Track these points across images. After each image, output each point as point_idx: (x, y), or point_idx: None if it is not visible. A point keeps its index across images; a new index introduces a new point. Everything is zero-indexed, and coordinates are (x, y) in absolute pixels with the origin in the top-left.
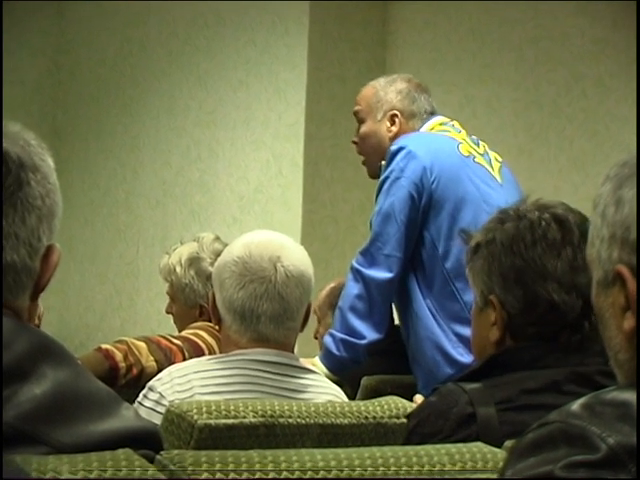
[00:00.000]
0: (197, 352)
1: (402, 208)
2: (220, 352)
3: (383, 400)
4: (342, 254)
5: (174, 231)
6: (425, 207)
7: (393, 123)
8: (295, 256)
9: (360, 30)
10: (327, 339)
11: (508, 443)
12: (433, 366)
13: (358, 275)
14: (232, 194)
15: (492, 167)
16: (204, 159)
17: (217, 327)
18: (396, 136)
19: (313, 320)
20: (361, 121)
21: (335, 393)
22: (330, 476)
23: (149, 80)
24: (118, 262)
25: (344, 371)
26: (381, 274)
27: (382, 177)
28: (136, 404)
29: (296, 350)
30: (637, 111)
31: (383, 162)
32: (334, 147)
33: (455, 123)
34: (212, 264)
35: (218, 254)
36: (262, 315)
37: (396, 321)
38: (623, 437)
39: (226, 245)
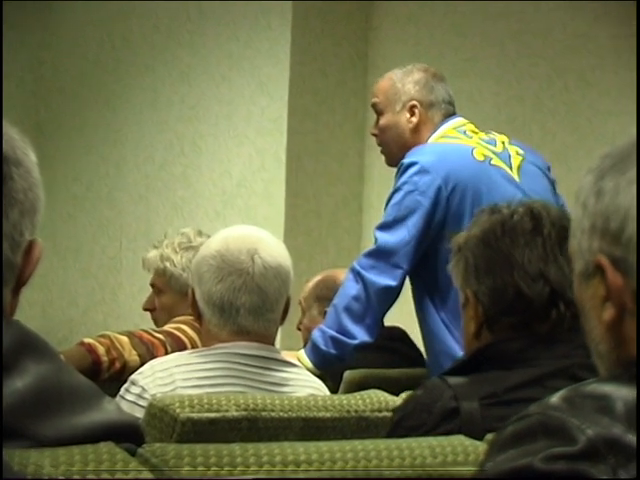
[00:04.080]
0: (179, 346)
1: (415, 222)
2: (202, 346)
3: (365, 394)
4: (325, 248)
5: (157, 226)
6: (440, 222)
7: (413, 114)
8: (272, 248)
9: (343, 25)
10: (316, 334)
11: (489, 436)
12: None
13: (359, 277)
14: (215, 189)
15: (510, 165)
16: (187, 154)
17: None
18: (417, 127)
19: (297, 311)
20: (380, 113)
21: (317, 386)
22: (312, 469)
23: (132, 75)
24: (101, 257)
25: (328, 367)
26: (383, 281)
27: (393, 189)
28: (118, 398)
29: (278, 343)
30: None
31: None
32: (317, 142)
33: (467, 128)
34: None
35: None
36: (241, 307)
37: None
38: (602, 429)
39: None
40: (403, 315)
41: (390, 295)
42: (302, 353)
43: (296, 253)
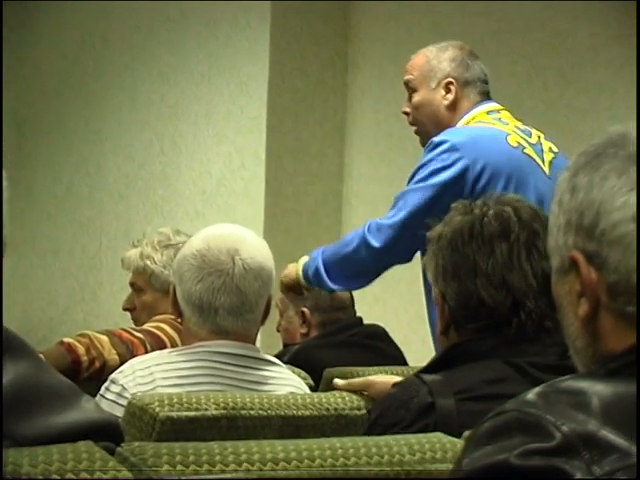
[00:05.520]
0: (159, 345)
1: (429, 195)
2: (182, 345)
3: (345, 392)
4: (305, 247)
5: (137, 225)
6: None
7: (448, 91)
8: (254, 249)
9: (322, 23)
10: (317, 259)
11: (466, 433)
12: None
13: (363, 236)
14: (195, 188)
15: (542, 159)
16: (167, 153)
17: (179, 320)
18: (452, 104)
19: (276, 312)
20: (413, 90)
21: (296, 385)
22: (290, 467)
23: (111, 74)
24: (81, 256)
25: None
26: (373, 241)
27: (419, 164)
28: (98, 397)
29: (258, 343)
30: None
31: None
32: (296, 140)
33: (503, 115)
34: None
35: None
36: (220, 308)
37: (358, 312)
38: (577, 425)
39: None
40: (384, 313)
41: (375, 254)
42: (301, 262)
43: (276, 252)
